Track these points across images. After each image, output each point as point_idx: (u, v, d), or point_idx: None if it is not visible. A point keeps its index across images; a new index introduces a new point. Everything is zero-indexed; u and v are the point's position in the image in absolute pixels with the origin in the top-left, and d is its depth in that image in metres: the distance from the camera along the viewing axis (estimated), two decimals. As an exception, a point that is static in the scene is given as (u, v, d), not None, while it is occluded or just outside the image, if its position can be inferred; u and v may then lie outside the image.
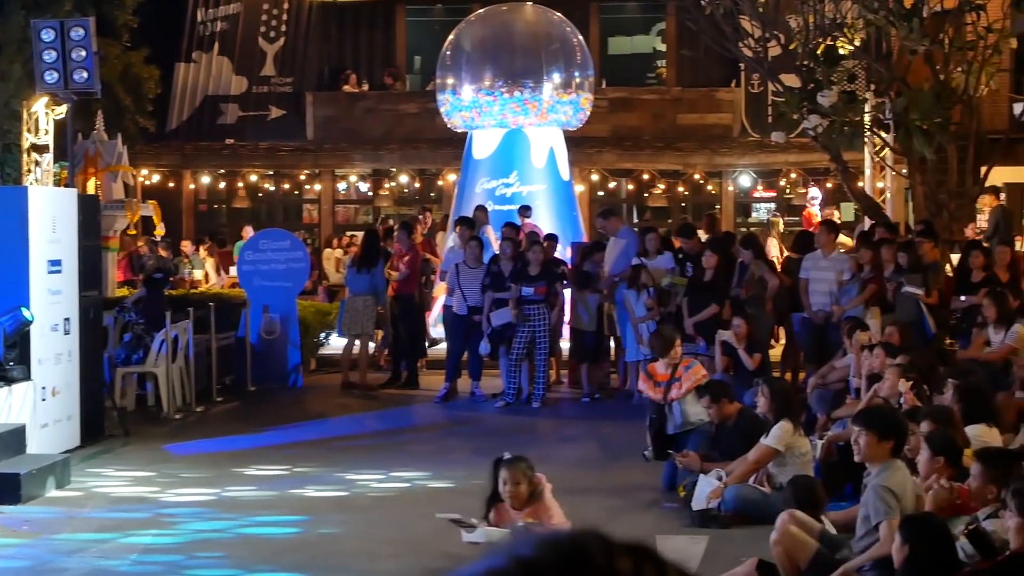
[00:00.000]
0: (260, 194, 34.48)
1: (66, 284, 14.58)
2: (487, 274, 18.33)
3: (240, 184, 33.53)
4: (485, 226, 21.06)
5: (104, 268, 18.73)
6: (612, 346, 19.41)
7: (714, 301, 17.25)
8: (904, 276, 16.57)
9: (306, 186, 34.40)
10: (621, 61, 35.13)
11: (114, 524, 11.44)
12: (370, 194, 34.67)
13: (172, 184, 32.78)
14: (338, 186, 34.32)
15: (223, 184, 33.97)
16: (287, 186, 34.56)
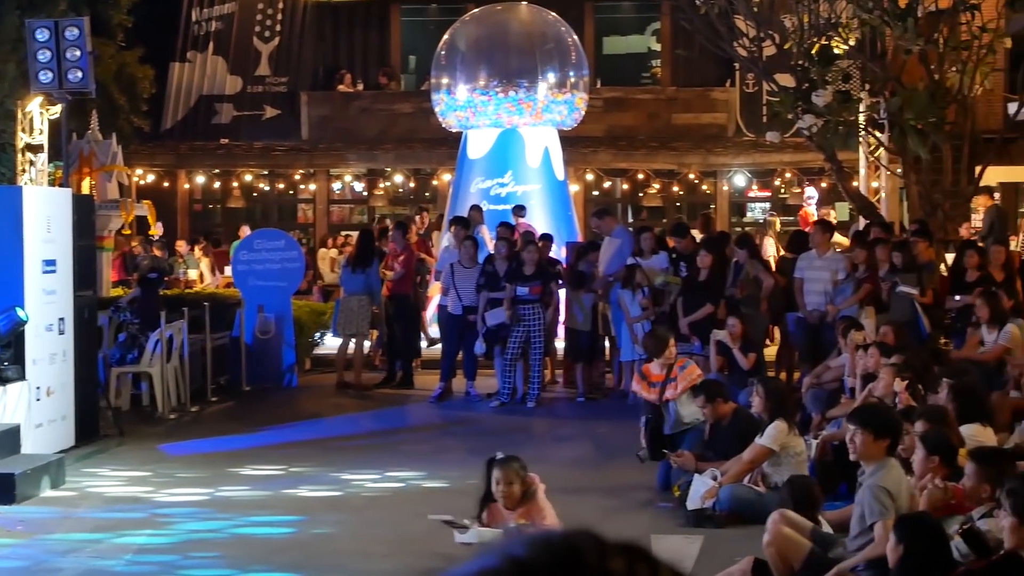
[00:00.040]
0: (255, 194, 34.47)
1: (61, 284, 14.57)
2: (482, 274, 18.33)
3: (235, 184, 33.51)
4: (480, 226, 21.05)
5: (99, 268, 18.72)
6: (607, 346, 19.43)
7: (709, 301, 17.25)
8: (899, 276, 16.58)
9: (301, 186, 34.36)
10: (616, 61, 35.12)
11: (109, 524, 11.42)
12: (365, 194, 34.65)
13: (167, 184, 32.77)
14: (333, 186, 34.29)
15: (218, 184, 33.94)
16: (282, 186, 34.53)
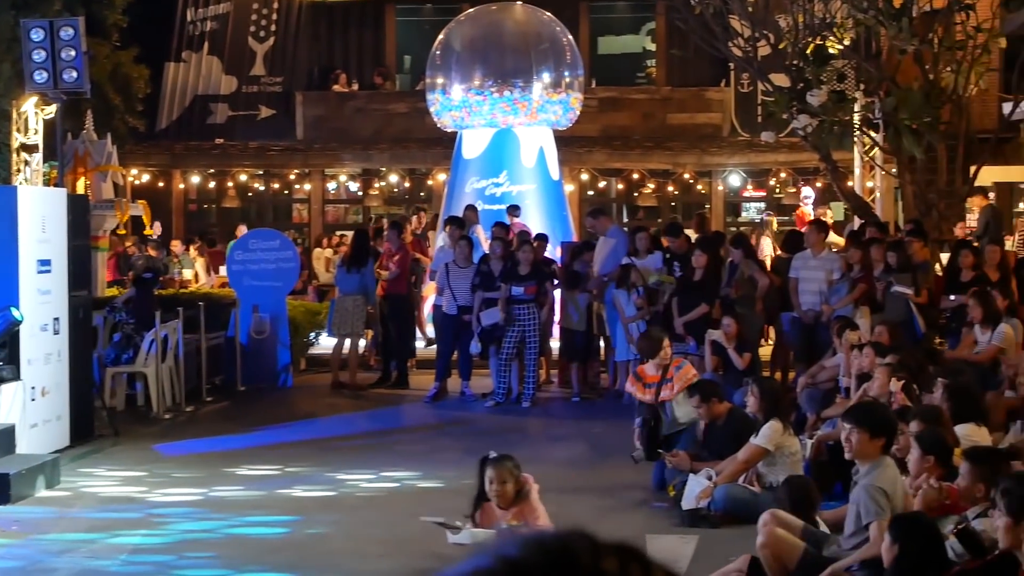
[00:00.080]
0: (250, 194, 34.44)
1: (55, 284, 14.56)
2: (477, 274, 18.33)
3: (230, 184, 33.48)
4: (475, 226, 21.05)
5: (94, 268, 18.70)
6: (602, 346, 19.43)
7: (704, 301, 17.25)
8: (893, 275, 16.60)
9: (296, 186, 34.35)
10: (611, 61, 35.13)
11: (104, 524, 11.42)
12: (360, 194, 34.62)
13: (162, 184, 32.75)
14: (328, 186, 34.27)
15: (213, 184, 33.92)
16: (277, 186, 34.52)
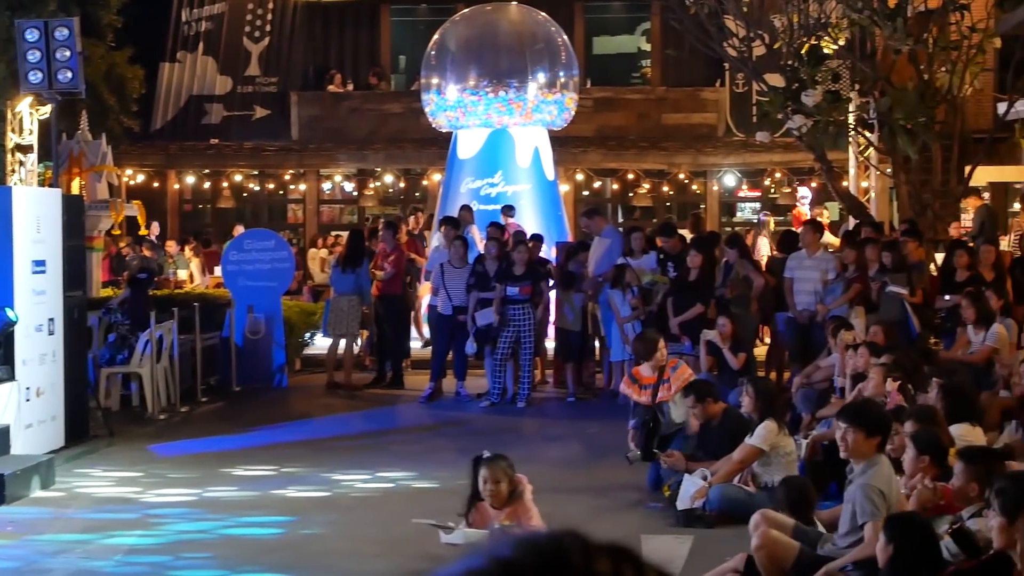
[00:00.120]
0: (245, 194, 34.45)
1: (50, 284, 14.54)
2: (472, 274, 18.33)
3: (225, 184, 33.49)
4: (470, 226, 21.05)
5: (88, 268, 18.68)
6: (597, 346, 19.43)
7: (699, 301, 17.25)
8: (888, 275, 16.60)
9: (291, 186, 34.36)
10: (606, 61, 35.15)
11: (99, 525, 11.41)
12: (355, 194, 34.64)
13: (157, 184, 32.74)
14: (323, 186, 34.30)
15: (208, 184, 33.93)
16: (272, 186, 34.53)
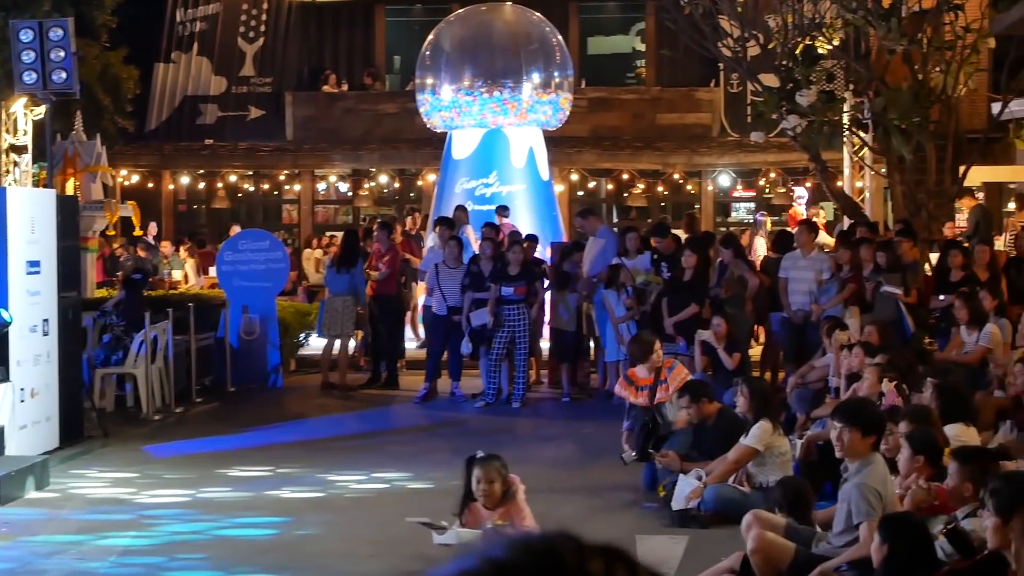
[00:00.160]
0: (240, 194, 34.44)
1: (45, 285, 14.53)
2: (467, 274, 18.32)
3: (220, 184, 33.49)
4: (465, 226, 21.05)
5: (83, 269, 18.67)
6: (591, 346, 19.43)
7: (694, 301, 17.25)
8: (883, 275, 16.60)
9: (286, 186, 34.35)
10: (600, 61, 35.17)
11: (93, 526, 11.40)
12: (350, 194, 34.63)
13: (151, 185, 32.74)
14: (318, 186, 34.29)
15: (202, 184, 33.92)
16: (267, 186, 34.51)
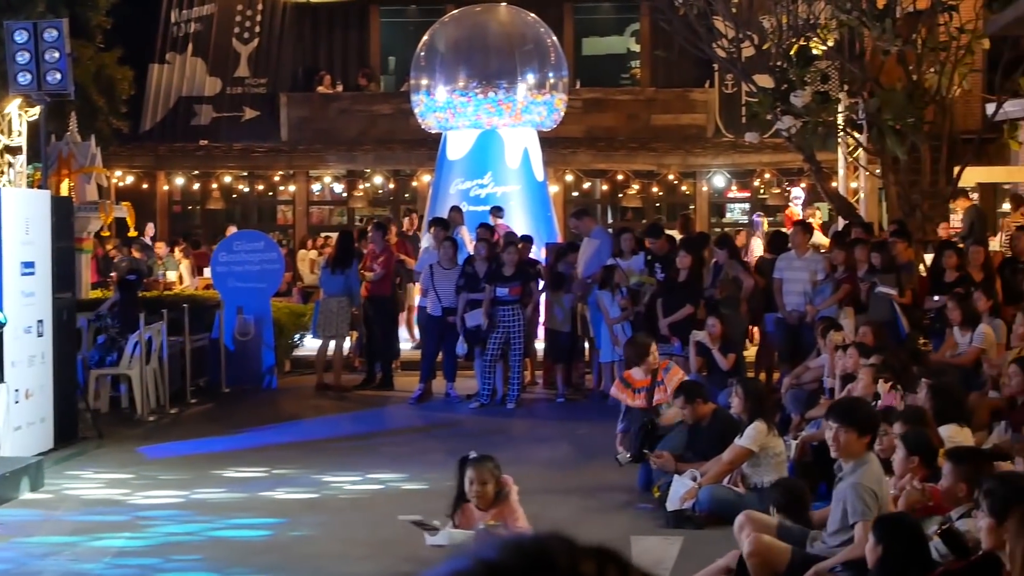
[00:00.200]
0: (234, 195, 34.40)
1: (39, 286, 14.51)
2: (461, 275, 18.32)
3: (214, 185, 33.46)
4: (459, 227, 21.05)
5: (78, 270, 18.66)
6: (586, 347, 19.43)
7: (689, 301, 17.25)
8: (877, 276, 16.61)
9: (280, 187, 34.33)
10: (595, 62, 35.16)
11: (88, 527, 11.40)
12: (344, 195, 34.61)
13: (146, 185, 32.71)
14: (312, 187, 34.28)
15: (197, 185, 33.89)
16: (261, 187, 34.48)
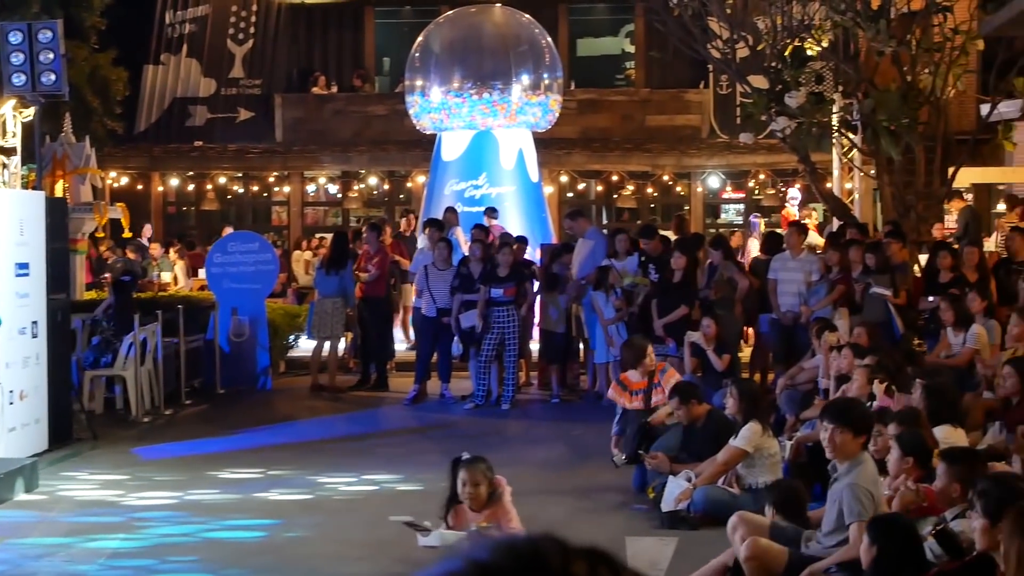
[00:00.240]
0: (229, 196, 34.40)
1: (34, 287, 14.50)
2: (456, 276, 18.32)
3: (209, 186, 33.46)
4: (454, 228, 21.05)
5: (72, 271, 18.65)
6: (581, 348, 19.43)
7: (683, 302, 17.25)
8: (872, 277, 16.60)
9: (275, 188, 34.32)
10: (590, 63, 35.17)
11: (82, 528, 11.39)
12: (339, 196, 34.61)
13: (140, 186, 32.70)
14: (307, 188, 34.26)
15: (192, 186, 33.88)
16: (256, 188, 34.46)
